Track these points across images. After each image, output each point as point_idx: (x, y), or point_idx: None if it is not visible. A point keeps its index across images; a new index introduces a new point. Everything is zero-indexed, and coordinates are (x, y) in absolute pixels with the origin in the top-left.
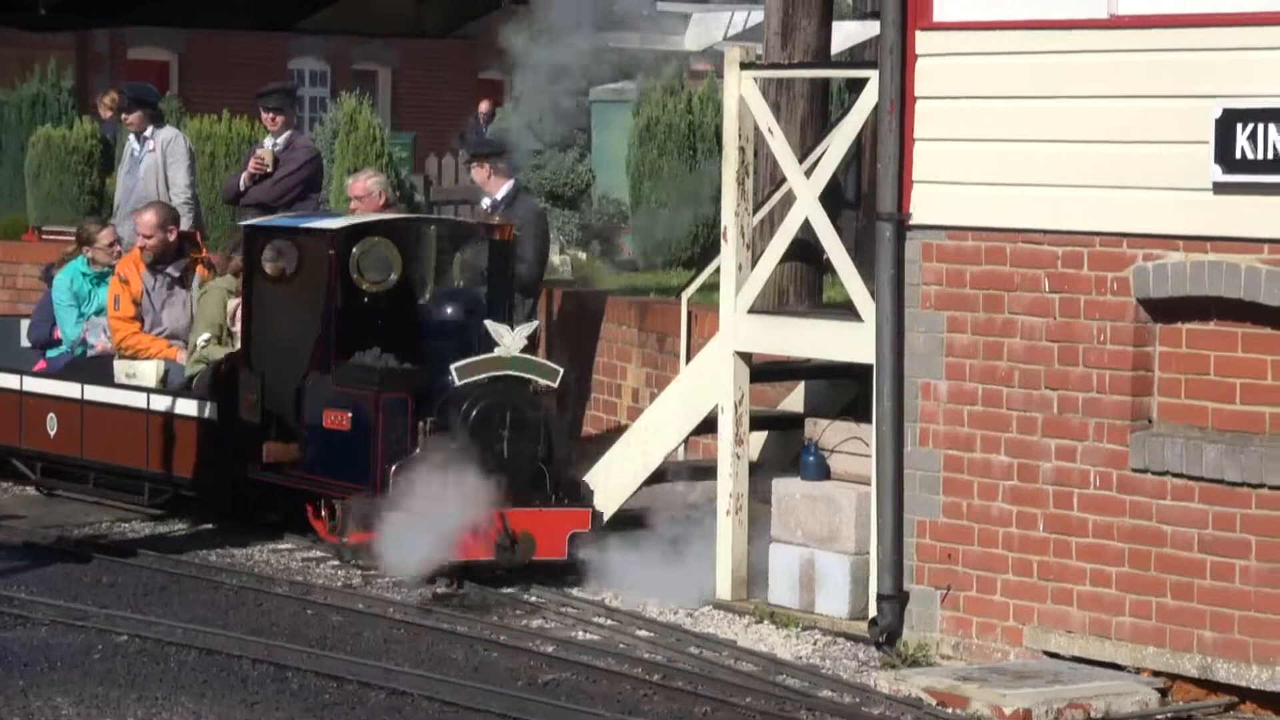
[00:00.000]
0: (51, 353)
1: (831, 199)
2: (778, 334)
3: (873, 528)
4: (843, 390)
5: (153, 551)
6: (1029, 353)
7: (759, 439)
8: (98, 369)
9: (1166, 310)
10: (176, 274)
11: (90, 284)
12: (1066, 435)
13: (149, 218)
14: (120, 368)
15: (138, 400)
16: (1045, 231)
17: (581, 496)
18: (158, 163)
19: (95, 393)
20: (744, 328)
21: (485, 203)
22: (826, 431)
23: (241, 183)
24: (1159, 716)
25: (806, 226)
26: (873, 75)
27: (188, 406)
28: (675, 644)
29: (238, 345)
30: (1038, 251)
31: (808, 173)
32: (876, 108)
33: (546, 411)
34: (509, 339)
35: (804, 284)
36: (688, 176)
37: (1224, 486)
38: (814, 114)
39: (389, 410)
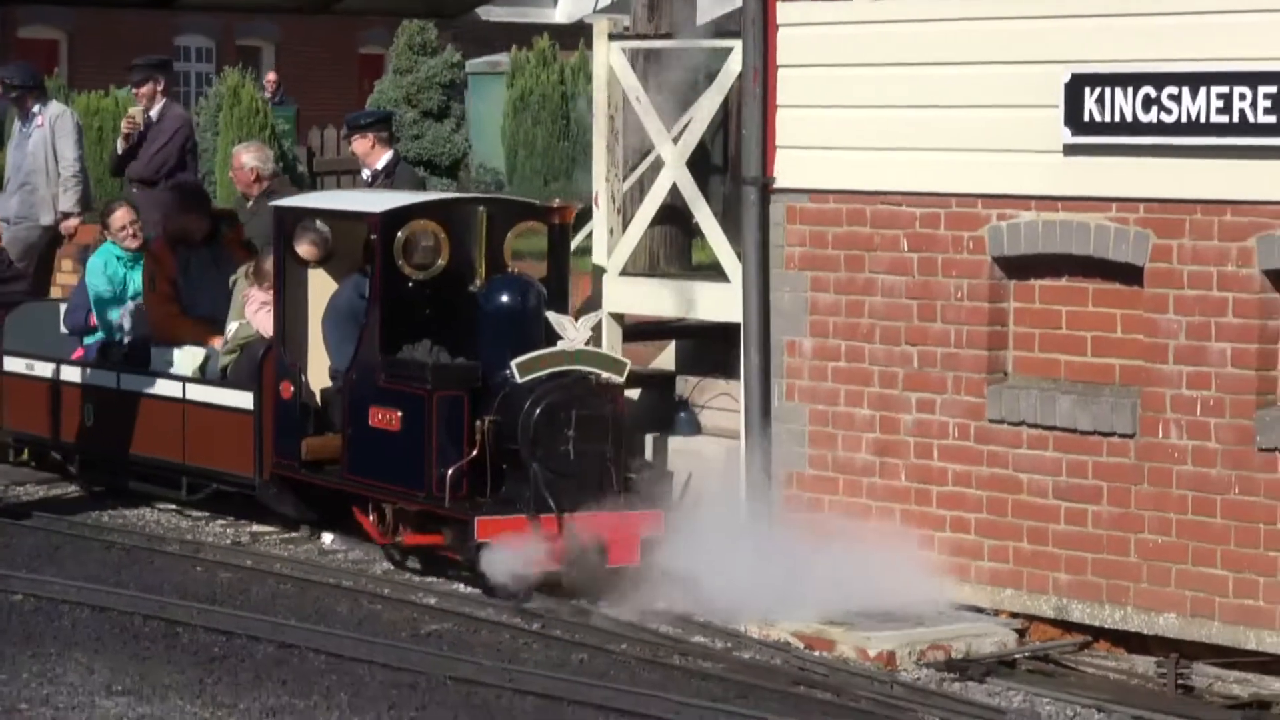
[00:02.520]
0: (88, 340)
1: (699, 164)
2: (649, 295)
3: (742, 480)
4: (713, 349)
5: (47, 514)
6: (889, 310)
7: (632, 396)
8: (135, 357)
9: (1020, 267)
10: (211, 256)
11: (125, 267)
12: (926, 389)
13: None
14: (159, 356)
15: (174, 390)
16: (904, 194)
17: (652, 497)
18: (46, 138)
19: (131, 381)
20: (616, 290)
21: (365, 173)
22: (697, 389)
23: (119, 146)
24: (1017, 656)
25: (675, 191)
26: (736, 45)
27: (226, 397)
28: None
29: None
30: (897, 213)
31: (675, 140)
32: (740, 76)
33: (614, 407)
34: (573, 331)
35: (674, 247)
36: (560, 145)
37: (1076, 435)
38: (681, 83)
39: (444, 409)
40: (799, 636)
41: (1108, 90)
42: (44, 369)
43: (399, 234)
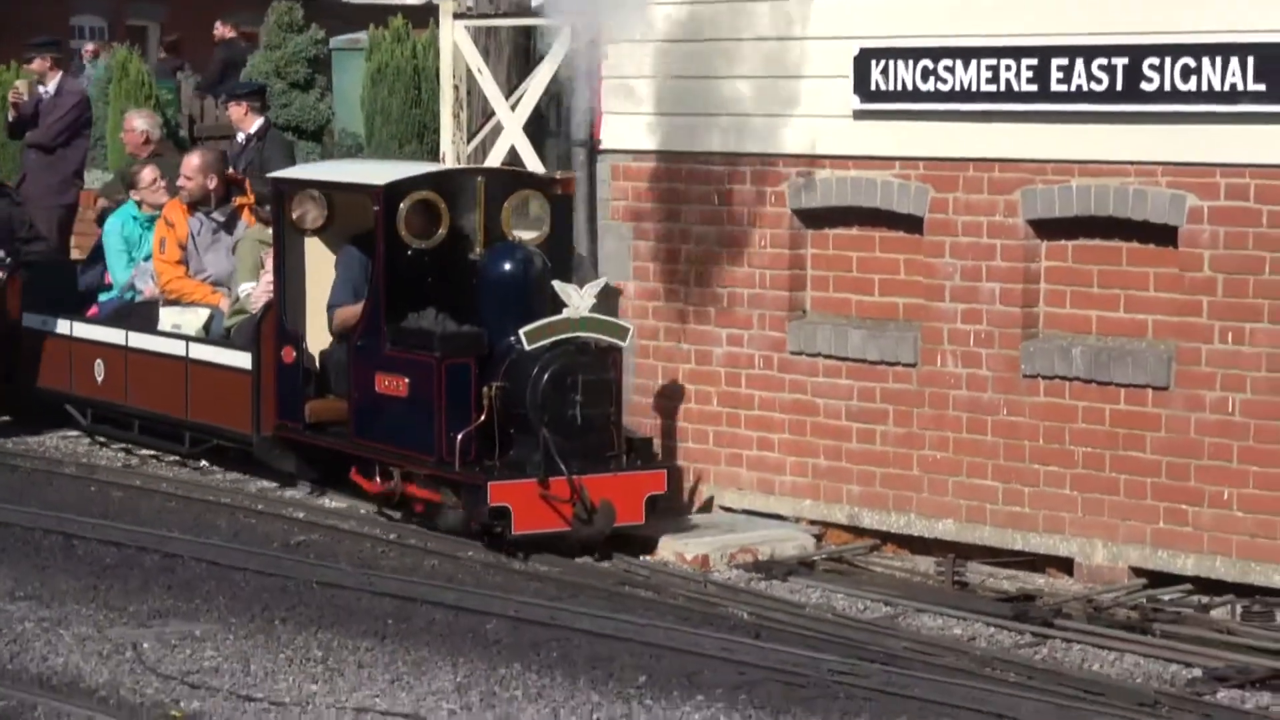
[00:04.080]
0: (103, 297)
1: (535, 129)
2: None
3: None
4: None
5: None
6: (702, 256)
7: None
8: (144, 314)
9: (816, 218)
10: (222, 219)
11: (141, 228)
12: (735, 325)
13: (193, 161)
14: (166, 316)
15: (178, 349)
16: (715, 154)
17: (653, 457)
18: None
19: (139, 340)
20: None
21: (240, 137)
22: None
23: (9, 115)
24: (815, 558)
25: (514, 153)
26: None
27: (227, 357)
28: (405, 513)
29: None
30: (709, 171)
31: (513, 107)
32: (571, 50)
33: (615, 371)
34: (578, 298)
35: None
36: (413, 112)
37: (866, 365)
38: (518, 56)
39: (452, 376)
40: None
41: (891, 62)
42: (60, 326)
43: (401, 205)
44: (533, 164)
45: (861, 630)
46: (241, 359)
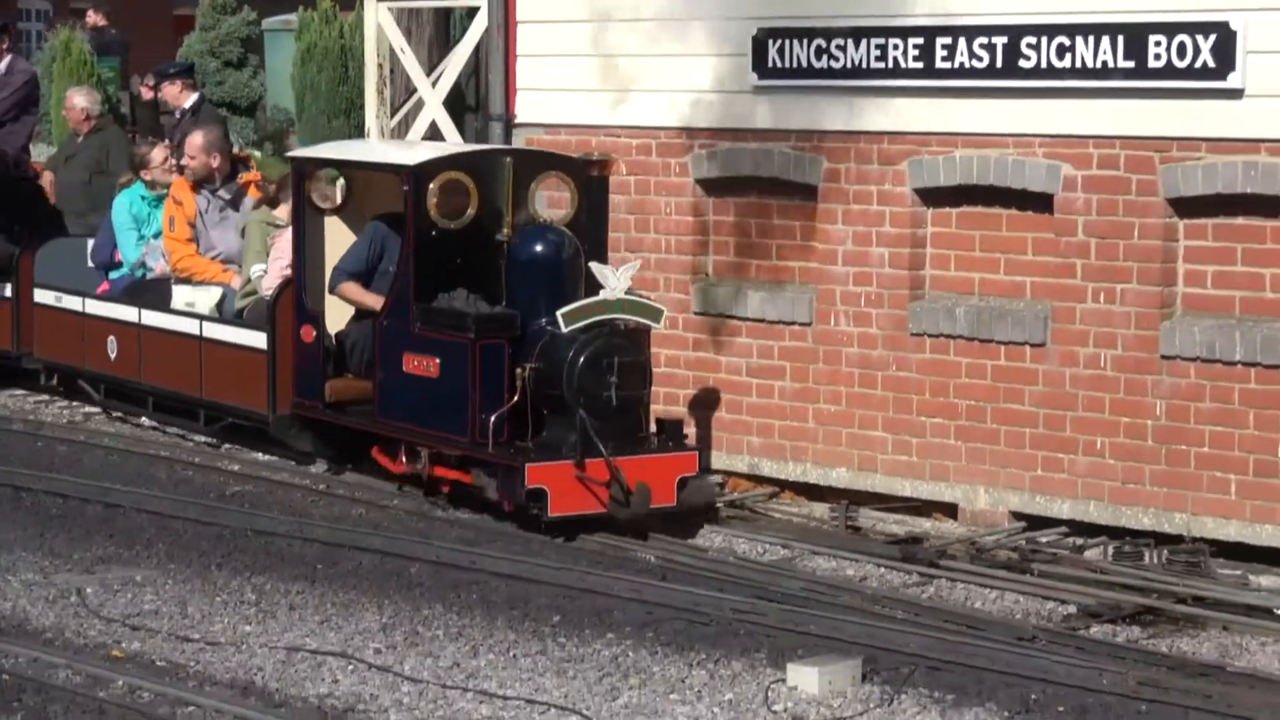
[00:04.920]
0: (114, 275)
1: (454, 104)
2: None
3: None
4: None
5: None
6: (615, 224)
7: None
8: (156, 292)
9: (718, 187)
10: (228, 197)
11: (150, 206)
12: (643, 288)
13: (196, 140)
14: (178, 294)
15: (192, 327)
16: (622, 127)
17: (682, 438)
18: None
19: (152, 318)
20: None
21: (176, 113)
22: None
23: None
24: (718, 504)
25: (435, 127)
26: (483, 4)
27: (242, 336)
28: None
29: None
30: (617, 143)
31: (434, 84)
32: (487, 31)
33: (647, 353)
34: (614, 280)
35: None
36: (341, 89)
37: (764, 324)
38: (438, 37)
39: (487, 357)
40: None
41: (787, 42)
42: (72, 302)
43: (430, 185)
44: (452, 137)
45: (761, 572)
46: (256, 338)
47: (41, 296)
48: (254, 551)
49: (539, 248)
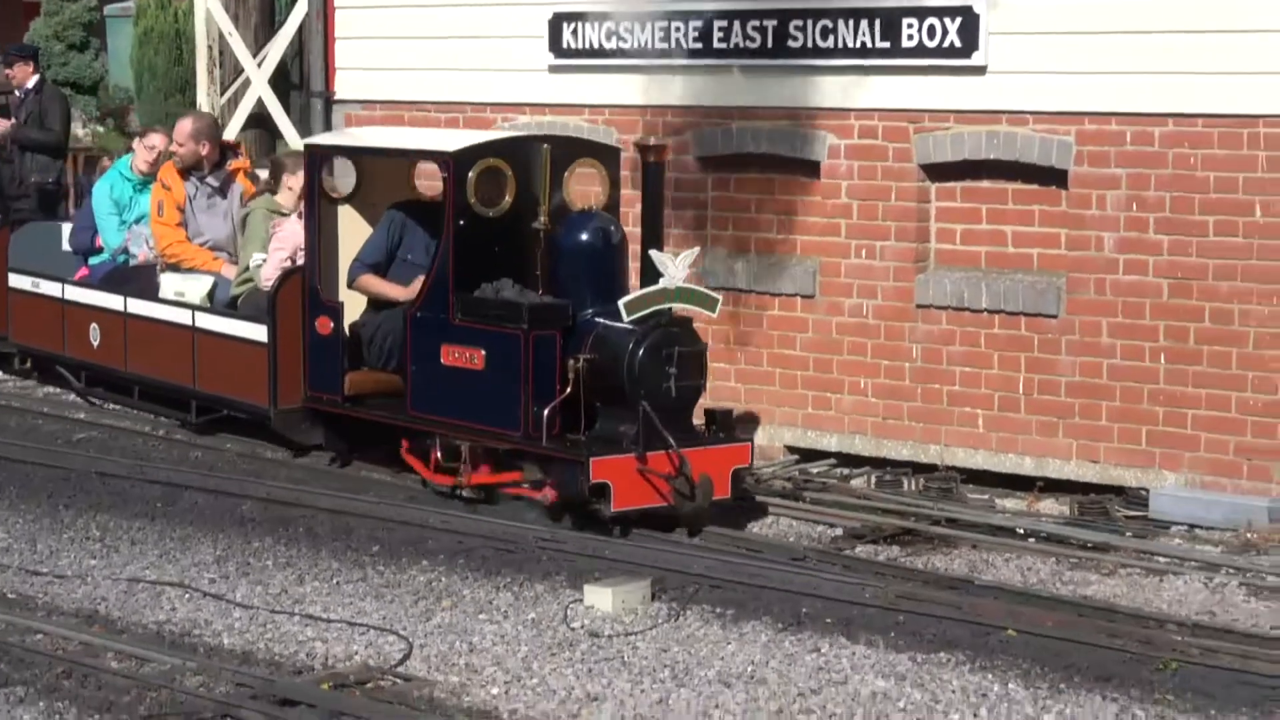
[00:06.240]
0: (94, 260)
1: (279, 83)
2: None
3: None
4: None
5: None
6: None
7: None
8: (141, 279)
9: None
10: (217, 183)
11: (132, 190)
12: None
13: (185, 126)
14: (167, 282)
15: (184, 317)
16: (432, 102)
17: (733, 428)
18: None
19: (139, 306)
20: None
21: (18, 92)
22: None
23: None
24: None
25: (261, 103)
26: None
27: (240, 328)
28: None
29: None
30: (428, 117)
31: (260, 64)
32: (308, 15)
33: (703, 342)
34: (673, 268)
35: (262, 145)
36: (176, 70)
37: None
38: (264, 21)
39: (539, 348)
40: None
41: (579, 25)
42: (51, 288)
43: (470, 173)
44: (278, 114)
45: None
46: (256, 331)
47: (17, 281)
48: (98, 492)
49: (585, 235)
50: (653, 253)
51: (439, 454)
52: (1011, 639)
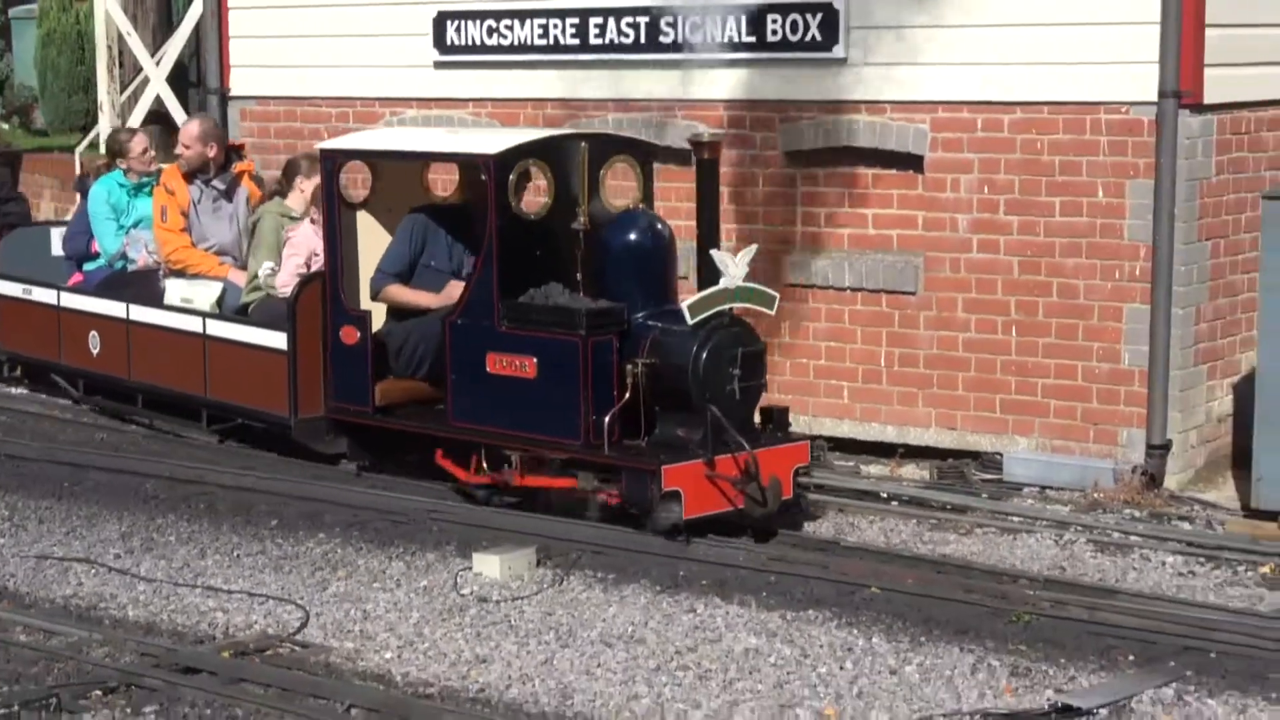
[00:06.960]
0: (88, 266)
1: (178, 80)
2: None
3: None
4: None
5: None
6: None
7: None
8: (141, 285)
9: None
10: (222, 187)
11: (128, 195)
12: None
13: (192, 129)
14: (173, 288)
15: (193, 324)
16: (323, 98)
17: (788, 425)
18: None
19: (143, 313)
20: None
21: None
22: None
23: None
24: None
25: (159, 100)
26: None
27: (257, 336)
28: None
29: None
30: (320, 111)
31: (158, 63)
32: (203, 15)
33: (763, 341)
34: (734, 267)
35: (161, 140)
36: (78, 69)
37: None
38: (161, 22)
39: (597, 354)
40: None
41: (462, 22)
42: (45, 294)
43: (510, 176)
44: (175, 110)
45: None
46: (275, 339)
47: (6, 288)
48: (8, 473)
49: (634, 235)
50: (714, 252)
51: (484, 463)
52: (875, 596)
